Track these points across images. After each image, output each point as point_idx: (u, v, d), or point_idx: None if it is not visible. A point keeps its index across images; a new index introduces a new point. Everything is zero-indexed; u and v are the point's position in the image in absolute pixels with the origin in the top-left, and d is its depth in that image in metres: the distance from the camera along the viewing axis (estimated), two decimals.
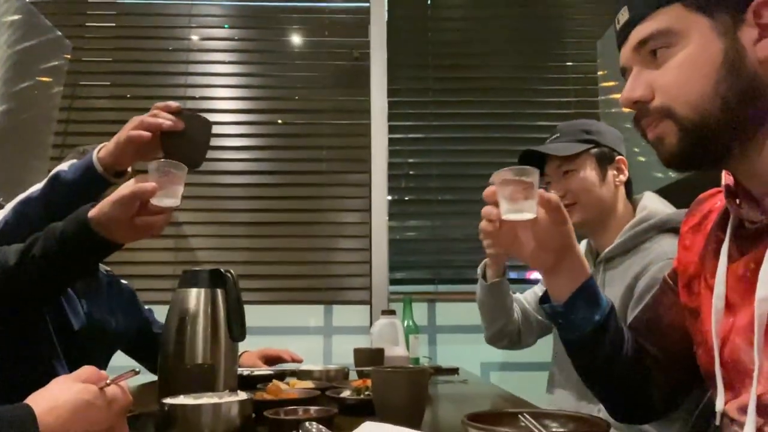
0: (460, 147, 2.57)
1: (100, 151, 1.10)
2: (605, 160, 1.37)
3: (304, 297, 2.37)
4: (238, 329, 1.09)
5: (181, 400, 0.81)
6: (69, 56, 2.43)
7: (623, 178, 1.37)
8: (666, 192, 1.42)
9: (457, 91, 2.62)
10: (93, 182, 1.09)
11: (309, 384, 1.20)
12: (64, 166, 1.13)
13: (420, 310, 2.37)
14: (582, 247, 1.48)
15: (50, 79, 2.38)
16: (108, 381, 0.64)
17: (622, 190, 1.38)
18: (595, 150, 1.37)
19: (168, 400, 0.79)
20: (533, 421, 0.67)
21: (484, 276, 1.59)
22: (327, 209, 2.44)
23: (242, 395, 0.84)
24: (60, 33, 2.38)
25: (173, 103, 1.07)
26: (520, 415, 0.68)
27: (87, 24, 2.58)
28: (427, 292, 2.45)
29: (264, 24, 2.62)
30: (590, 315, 0.85)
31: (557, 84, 2.60)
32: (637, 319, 0.98)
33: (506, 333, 1.63)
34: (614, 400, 0.95)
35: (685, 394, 0.92)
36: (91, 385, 0.62)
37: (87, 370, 0.64)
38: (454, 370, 1.80)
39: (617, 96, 2.26)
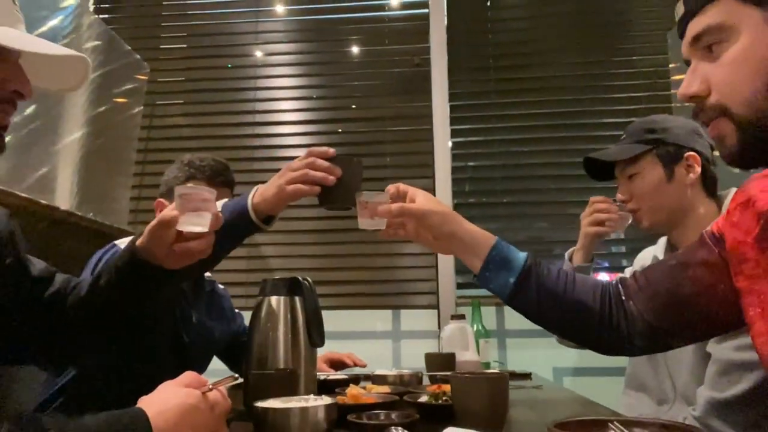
0: (524, 148, 2.53)
1: (255, 196, 1.08)
2: (671, 158, 1.29)
3: (372, 302, 2.40)
4: (317, 335, 1.13)
5: (270, 403, 0.85)
6: (146, 77, 2.59)
7: (693, 176, 1.28)
8: None
9: (519, 92, 2.58)
10: (244, 226, 1.08)
11: (386, 389, 1.22)
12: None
13: (489, 314, 2.35)
14: (661, 244, 1.43)
15: (130, 100, 2.53)
16: (210, 386, 0.68)
17: (699, 187, 1.30)
18: (658, 150, 1.31)
19: (259, 404, 0.83)
20: (624, 429, 0.66)
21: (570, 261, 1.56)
22: None
23: (327, 399, 0.86)
24: (138, 56, 2.53)
25: (330, 150, 1.09)
26: (610, 423, 0.67)
27: (161, 46, 2.73)
28: (496, 296, 2.42)
29: (326, 36, 2.68)
30: (505, 279, 0.92)
31: (626, 79, 2.52)
32: (652, 266, 0.93)
33: None
34: (568, 334, 0.98)
35: (668, 341, 0.89)
36: (195, 390, 0.66)
37: (190, 376, 0.69)
38: (526, 375, 1.77)
39: None
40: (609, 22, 2.62)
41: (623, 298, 0.90)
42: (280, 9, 2.74)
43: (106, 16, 2.75)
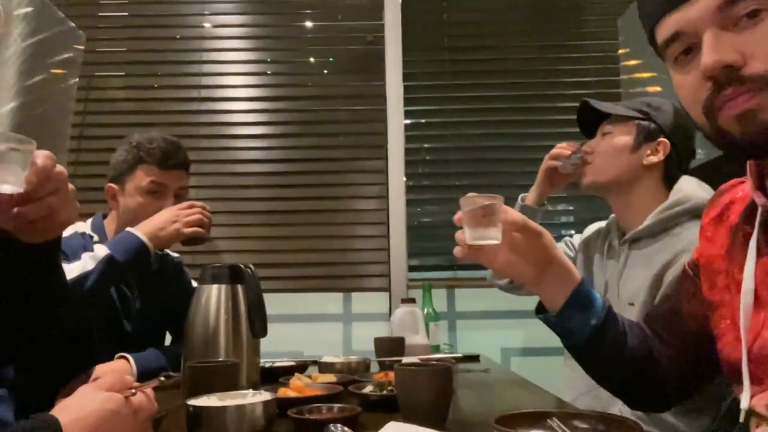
0: (478, 131, 2.53)
1: (148, 236, 1.34)
2: (646, 135, 1.33)
3: (322, 285, 2.37)
4: (259, 325, 1.10)
5: (206, 401, 0.81)
6: (83, 47, 2.43)
7: (654, 159, 1.32)
8: (704, 174, 1.36)
9: (474, 74, 2.57)
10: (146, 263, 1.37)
11: (331, 377, 1.20)
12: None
13: (439, 297, 2.36)
14: (609, 225, 1.45)
15: (65, 71, 2.37)
16: (133, 389, 0.64)
17: (656, 173, 1.34)
18: (641, 122, 1.34)
19: (192, 402, 0.79)
20: (561, 425, 0.66)
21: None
22: (344, 196, 2.43)
23: (266, 395, 0.83)
24: (73, 24, 2.37)
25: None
26: (548, 419, 0.67)
27: (100, 14, 2.57)
28: (447, 279, 2.44)
29: (277, 10, 2.58)
30: (586, 320, 0.86)
31: (577, 63, 2.54)
32: (655, 308, 0.97)
33: None
34: (626, 391, 0.95)
35: (699, 383, 0.91)
36: (117, 394, 0.62)
37: (111, 378, 0.64)
38: (474, 358, 1.79)
39: (642, 75, 2.21)
40: (562, 6, 2.62)
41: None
42: None
43: None
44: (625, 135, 1.35)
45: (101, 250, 1.23)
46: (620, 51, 2.44)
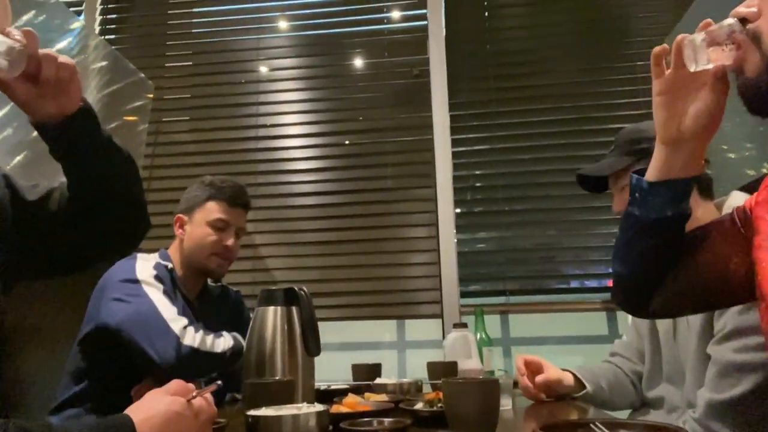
0: (526, 156, 2.54)
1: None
2: None
3: (375, 312, 2.41)
4: (313, 344, 1.15)
5: (264, 412, 0.86)
6: (152, 95, 2.64)
7: None
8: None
9: (519, 100, 2.60)
10: None
11: (383, 397, 1.23)
12: None
13: (493, 323, 2.35)
14: None
15: (136, 118, 2.59)
16: (194, 393, 0.70)
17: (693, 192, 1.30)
18: (646, 160, 1.31)
19: (251, 412, 0.85)
20: (606, 430, 0.66)
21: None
22: (395, 225, 2.48)
23: (319, 407, 0.88)
24: (143, 75, 2.58)
25: None
26: (592, 425, 0.68)
27: (166, 65, 2.79)
28: (499, 304, 2.43)
29: (327, 50, 2.72)
30: (664, 206, 0.83)
31: (625, 85, 2.52)
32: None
33: None
34: (632, 284, 0.93)
35: (683, 308, 0.93)
36: (180, 397, 0.69)
37: (175, 384, 0.71)
38: None
39: None
40: (607, 29, 2.63)
41: None
42: (282, 25, 2.79)
43: (112, 36, 2.81)
44: None
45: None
46: None
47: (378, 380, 1.47)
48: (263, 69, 2.74)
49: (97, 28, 2.79)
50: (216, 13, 2.82)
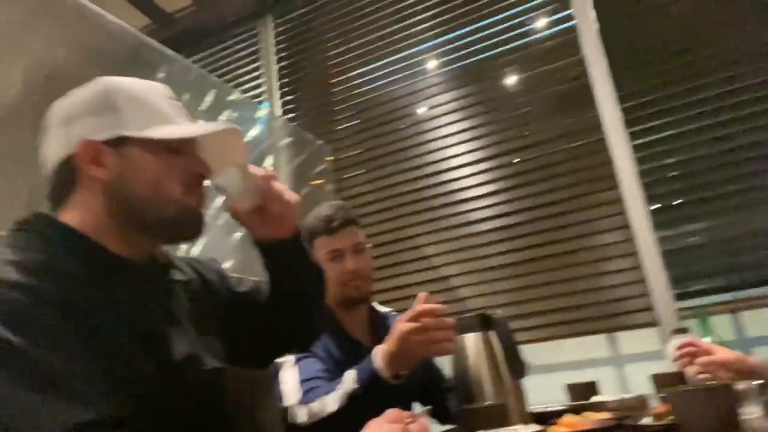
0: (719, 132, 2.23)
1: (383, 365, 1.19)
2: None
3: (578, 329, 2.28)
4: (517, 366, 1.14)
5: None
6: (331, 158, 2.92)
7: None
8: None
9: (695, 75, 2.30)
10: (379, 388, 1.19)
11: (605, 415, 1.16)
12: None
13: (723, 324, 2.07)
14: None
15: (322, 180, 2.88)
16: (408, 420, 0.76)
17: None
18: None
19: None
20: None
21: None
22: (582, 235, 2.35)
23: (535, 427, 0.87)
24: (321, 141, 2.89)
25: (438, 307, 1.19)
26: None
27: (338, 128, 3.06)
28: (726, 302, 2.13)
29: (479, 78, 2.75)
30: None
31: None
32: None
33: None
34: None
35: None
36: (398, 424, 0.74)
37: (392, 412, 0.78)
38: None
39: None
40: None
41: None
42: (431, 64, 2.90)
43: (291, 115, 3.19)
44: None
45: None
46: None
47: (595, 398, 1.38)
48: (422, 109, 2.86)
49: (279, 111, 3.19)
50: (371, 71, 3.03)
